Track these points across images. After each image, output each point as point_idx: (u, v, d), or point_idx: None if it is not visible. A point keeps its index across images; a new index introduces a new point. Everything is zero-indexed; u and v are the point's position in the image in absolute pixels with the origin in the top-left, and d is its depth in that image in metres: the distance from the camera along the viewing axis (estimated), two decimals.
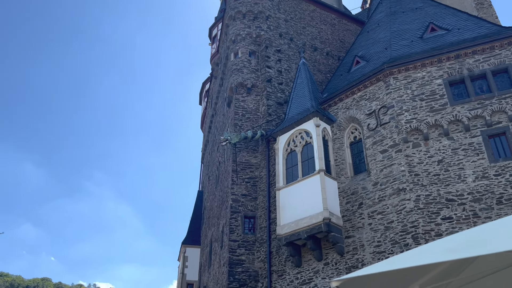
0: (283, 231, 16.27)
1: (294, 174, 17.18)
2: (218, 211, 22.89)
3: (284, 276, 16.52)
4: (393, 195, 14.53)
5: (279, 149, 18.23)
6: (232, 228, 18.54)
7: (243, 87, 22.28)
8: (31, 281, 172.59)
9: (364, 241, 14.68)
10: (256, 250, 18.11)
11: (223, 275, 18.35)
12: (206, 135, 36.83)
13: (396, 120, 15.51)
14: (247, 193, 19.57)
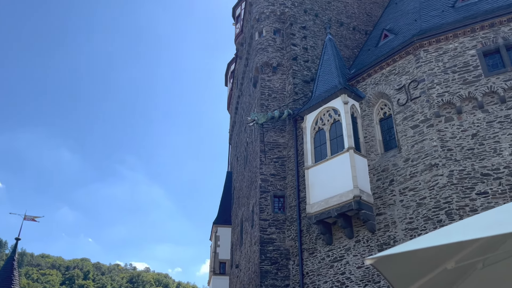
0: (313, 210, 16.29)
1: (323, 153, 17.06)
2: (248, 191, 23.09)
3: (315, 254, 16.62)
4: (425, 171, 14.24)
5: (306, 128, 18.10)
6: (262, 208, 18.70)
7: (269, 67, 22.09)
8: (71, 261, 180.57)
9: (396, 218, 14.53)
10: (286, 228, 18.25)
11: (255, 253, 18.63)
12: (233, 116, 36.94)
13: (427, 94, 15.07)
14: (276, 173, 19.62)
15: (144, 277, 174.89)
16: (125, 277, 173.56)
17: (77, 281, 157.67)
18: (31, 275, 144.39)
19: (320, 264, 16.27)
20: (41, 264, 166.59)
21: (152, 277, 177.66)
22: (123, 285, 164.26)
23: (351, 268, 15.19)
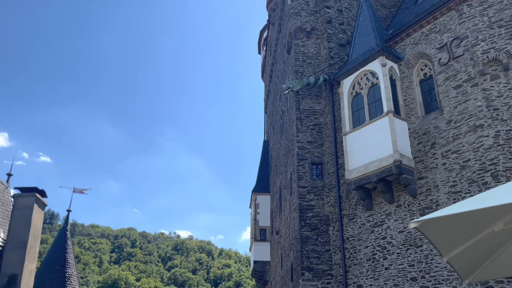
0: (352, 176, 16.17)
1: (361, 118, 16.74)
2: (285, 159, 23.16)
3: (355, 219, 16.61)
4: (469, 133, 13.72)
5: (343, 93, 17.74)
6: (300, 175, 18.75)
7: (302, 31, 21.58)
8: (118, 231, 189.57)
9: (438, 181, 14.19)
10: (325, 195, 18.27)
11: (295, 220, 18.85)
12: (268, 85, 36.69)
13: (471, 51, 14.30)
14: (313, 140, 19.50)
15: (188, 244, 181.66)
16: (170, 244, 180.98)
17: (125, 249, 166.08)
18: (83, 244, 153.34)
19: (360, 230, 16.27)
20: (92, 234, 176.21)
21: (196, 244, 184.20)
22: (168, 252, 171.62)
23: (392, 232, 15.11)
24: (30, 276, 19.97)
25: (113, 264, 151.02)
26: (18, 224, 20.06)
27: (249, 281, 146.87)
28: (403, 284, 14.21)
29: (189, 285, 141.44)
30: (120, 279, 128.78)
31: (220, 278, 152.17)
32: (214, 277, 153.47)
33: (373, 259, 15.44)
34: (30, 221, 20.11)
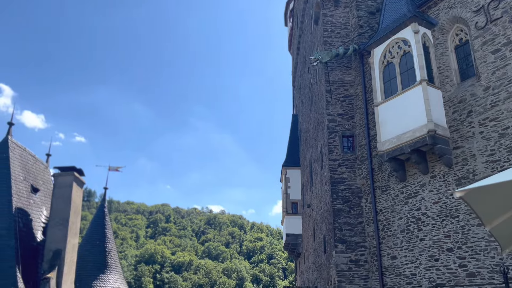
0: (384, 147, 15.91)
1: (393, 88, 16.31)
2: (315, 133, 22.99)
3: (388, 191, 16.43)
4: (508, 99, 13.15)
5: (374, 62, 17.28)
6: (330, 148, 18.61)
7: (330, 0, 20.97)
8: (153, 207, 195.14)
9: (475, 150, 13.77)
10: (357, 167, 18.10)
11: (326, 193, 18.83)
12: (295, 58, 36.15)
13: (510, 13, 13.55)
14: (343, 112, 19.22)
15: (220, 219, 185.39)
16: (203, 219, 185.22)
17: (160, 224, 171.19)
18: (119, 220, 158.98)
19: (393, 201, 16.11)
20: (127, 210, 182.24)
21: (228, 218, 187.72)
22: (201, 227, 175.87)
23: (427, 203, 14.88)
24: (73, 251, 20.95)
25: (149, 239, 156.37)
26: (60, 202, 20.93)
27: (281, 254, 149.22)
28: (438, 254, 14.07)
29: (222, 258, 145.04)
30: (156, 253, 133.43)
31: (253, 251, 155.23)
32: (247, 250, 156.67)
33: (407, 231, 15.32)
34: (70, 198, 20.94)
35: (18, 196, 20.69)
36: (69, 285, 20.37)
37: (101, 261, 24.79)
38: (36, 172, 23.74)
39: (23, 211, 20.62)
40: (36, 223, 21.43)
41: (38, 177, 23.82)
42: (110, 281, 24.43)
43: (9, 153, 21.42)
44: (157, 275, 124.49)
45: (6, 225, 19.24)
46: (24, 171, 22.36)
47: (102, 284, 23.89)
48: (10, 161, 21.19)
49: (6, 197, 20.04)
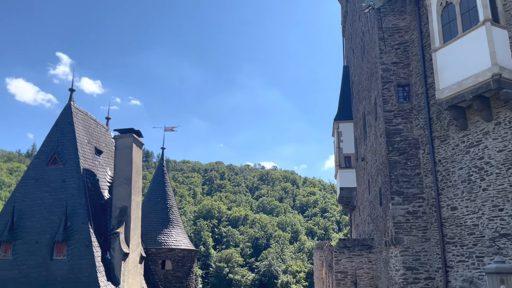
0: (443, 95, 15.14)
1: (453, 31, 15.25)
2: (368, 84, 22.26)
3: (447, 140, 15.79)
4: None
5: (431, 4, 16.14)
6: (385, 99, 18.00)
7: None
8: (207, 165, 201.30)
9: None
10: (413, 118, 17.45)
11: (381, 145, 18.44)
12: (344, 6, 34.57)
13: None
14: (398, 60, 18.35)
15: (273, 174, 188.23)
16: (256, 175, 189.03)
17: (215, 181, 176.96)
18: (177, 178, 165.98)
19: (453, 151, 15.48)
20: (184, 169, 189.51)
21: (280, 174, 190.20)
22: (255, 183, 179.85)
23: (490, 152, 14.17)
24: (137, 207, 22.28)
25: (206, 195, 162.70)
26: (122, 162, 22.11)
27: (335, 207, 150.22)
28: (503, 204, 13.53)
29: (277, 212, 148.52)
30: (213, 209, 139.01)
31: (306, 205, 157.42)
32: (300, 204, 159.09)
33: (468, 181, 14.77)
34: (131, 159, 22.04)
35: (84, 158, 22.07)
36: (136, 239, 21.85)
37: (164, 216, 26.27)
38: (98, 135, 25.08)
39: (90, 172, 22.04)
40: (102, 183, 22.88)
41: (101, 139, 25.18)
42: (173, 235, 25.94)
43: (72, 118, 22.70)
44: (215, 229, 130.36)
45: (76, 185, 20.71)
46: (87, 135, 23.69)
47: (166, 238, 25.44)
48: (74, 125, 22.49)
49: (74, 160, 21.46)
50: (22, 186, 21.36)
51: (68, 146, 21.89)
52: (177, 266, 24.94)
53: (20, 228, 20.03)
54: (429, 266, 15.66)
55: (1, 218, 20.62)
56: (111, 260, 19.92)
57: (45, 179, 21.18)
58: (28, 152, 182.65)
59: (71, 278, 18.45)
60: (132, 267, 21.06)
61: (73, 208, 20.09)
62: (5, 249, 19.63)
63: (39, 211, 20.39)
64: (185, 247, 25.71)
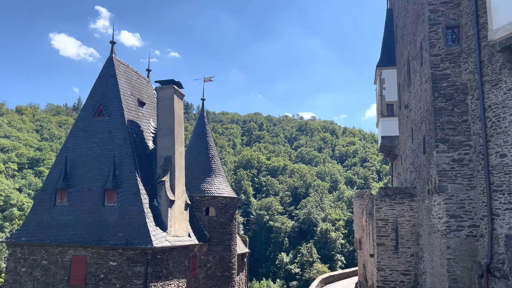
0: (496, 36, 14.15)
1: None
2: (413, 27, 21.11)
3: (499, 85, 14.94)
4: None
5: None
6: (432, 42, 17.08)
7: None
8: (246, 116, 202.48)
9: None
10: (462, 61, 16.55)
11: (426, 91, 17.75)
12: None
13: None
14: (447, 0, 17.17)
15: (311, 125, 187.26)
16: (294, 126, 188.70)
17: (254, 132, 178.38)
18: (217, 129, 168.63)
19: (505, 96, 14.68)
20: (223, 120, 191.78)
21: (319, 124, 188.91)
22: (293, 133, 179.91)
23: None
24: (180, 157, 22.99)
25: (245, 146, 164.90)
26: (164, 113, 22.62)
27: (375, 157, 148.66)
28: None
29: (315, 162, 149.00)
30: (253, 159, 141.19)
31: (346, 155, 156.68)
32: (340, 154, 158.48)
33: None
34: (173, 110, 22.49)
35: (128, 109, 22.73)
36: (181, 187, 22.75)
37: (206, 166, 27.01)
38: (140, 87, 25.61)
39: (134, 123, 22.76)
40: (147, 134, 23.63)
41: (143, 91, 25.72)
42: (216, 183, 26.75)
43: (115, 70, 23.19)
44: (255, 179, 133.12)
45: (122, 136, 21.53)
46: (130, 86, 24.24)
47: (209, 186, 26.29)
48: (117, 77, 23.01)
49: (118, 111, 22.17)
50: (72, 138, 22.46)
51: (112, 98, 22.55)
52: (220, 213, 25.90)
53: (73, 177, 21.30)
54: (474, 214, 15.42)
55: (56, 168, 21.95)
56: (158, 206, 20.96)
57: (93, 131, 22.13)
58: (74, 105, 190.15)
59: (122, 223, 19.65)
60: (178, 213, 22.10)
61: (120, 158, 21.02)
62: (61, 196, 21.05)
63: (89, 160, 21.50)
64: (227, 195, 26.52)
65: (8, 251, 20.84)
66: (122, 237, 19.21)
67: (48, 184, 21.63)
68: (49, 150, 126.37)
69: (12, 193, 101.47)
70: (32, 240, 20.26)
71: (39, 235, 20.33)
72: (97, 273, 19.14)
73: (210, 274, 24.97)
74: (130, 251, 18.95)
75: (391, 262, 19.45)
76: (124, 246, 18.93)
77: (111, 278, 18.93)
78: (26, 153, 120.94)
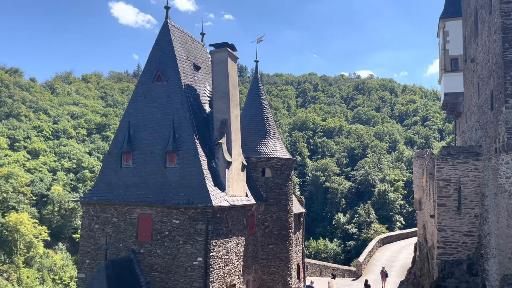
0: None
1: None
2: None
3: None
4: None
5: None
6: None
7: None
8: (300, 77, 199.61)
9: None
10: None
11: (495, 43, 16.44)
12: None
13: None
14: None
15: (369, 83, 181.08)
16: (351, 85, 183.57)
17: (309, 93, 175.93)
18: (271, 92, 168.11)
19: None
20: (277, 82, 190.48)
21: (377, 83, 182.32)
22: (350, 93, 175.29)
23: None
24: (236, 120, 23.35)
25: (300, 107, 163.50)
26: (219, 76, 22.88)
27: (437, 115, 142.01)
28: None
29: (373, 122, 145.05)
30: (308, 120, 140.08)
31: (405, 114, 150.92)
32: (399, 113, 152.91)
33: None
34: (227, 73, 22.67)
35: (184, 74, 23.22)
36: (237, 149, 23.24)
37: (261, 128, 27.25)
38: (195, 51, 25.94)
39: (190, 87, 23.27)
40: (203, 97, 24.13)
41: (198, 55, 26.05)
42: (271, 145, 27.00)
43: (170, 35, 23.59)
44: (310, 140, 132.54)
45: (180, 100, 22.15)
46: (185, 51, 24.62)
47: (264, 148, 26.62)
48: (172, 43, 23.43)
49: (175, 76, 22.72)
50: (134, 103, 23.46)
51: (169, 63, 23.09)
52: (276, 174, 26.26)
53: (136, 140, 22.42)
54: None
55: (120, 132, 23.19)
56: (216, 168, 21.65)
57: (152, 96, 22.95)
58: (134, 72, 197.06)
59: (183, 184, 20.58)
60: (235, 174, 22.72)
61: (179, 122, 21.74)
62: (126, 159, 22.31)
63: (150, 124, 22.45)
64: (283, 156, 26.73)
65: (83, 209, 22.67)
66: (183, 197, 20.16)
67: (114, 147, 22.94)
68: (113, 115, 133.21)
69: (83, 157, 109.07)
70: (102, 200, 21.84)
71: (108, 195, 21.85)
72: (162, 230, 20.38)
73: (268, 232, 25.71)
74: (191, 210, 19.91)
75: (452, 223, 18.89)
76: (185, 205, 19.89)
77: (175, 235, 20.10)
78: (93, 119, 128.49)
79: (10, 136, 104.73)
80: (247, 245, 23.76)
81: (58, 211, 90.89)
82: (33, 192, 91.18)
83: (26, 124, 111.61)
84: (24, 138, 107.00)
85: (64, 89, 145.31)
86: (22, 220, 79.43)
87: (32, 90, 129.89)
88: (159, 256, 20.24)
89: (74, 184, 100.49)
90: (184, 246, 19.83)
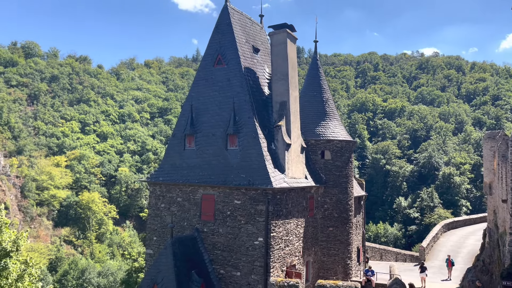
0: None
1: None
2: None
3: None
4: None
5: None
6: None
7: None
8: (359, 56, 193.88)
9: None
10: None
11: None
12: None
13: None
14: None
15: (434, 62, 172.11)
16: (414, 64, 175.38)
17: (369, 73, 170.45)
18: (329, 73, 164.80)
19: None
20: (335, 62, 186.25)
21: (442, 61, 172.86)
22: (412, 72, 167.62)
23: None
24: (295, 102, 23.24)
25: (359, 88, 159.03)
26: (278, 58, 22.82)
27: (510, 94, 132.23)
28: None
29: (438, 102, 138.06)
30: (367, 102, 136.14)
31: (474, 93, 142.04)
32: (466, 92, 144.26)
33: None
34: (286, 54, 22.54)
35: (244, 57, 23.40)
36: (296, 131, 23.18)
37: (320, 109, 26.91)
38: (254, 34, 25.99)
39: (250, 70, 23.43)
40: (262, 80, 24.21)
41: (257, 38, 26.08)
42: (330, 127, 26.65)
43: (230, 18, 23.79)
44: (370, 122, 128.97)
45: (240, 83, 22.40)
46: (244, 34, 24.75)
47: (324, 130, 26.33)
48: (232, 26, 23.63)
49: (235, 59, 22.97)
50: (195, 87, 24.07)
51: (228, 46, 23.35)
52: (336, 156, 25.90)
53: (198, 123, 23.07)
54: None
55: (183, 115, 23.96)
56: (275, 150, 21.79)
57: (213, 79, 23.39)
58: (193, 56, 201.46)
59: (244, 165, 20.96)
60: (295, 156, 22.74)
61: (239, 104, 22.04)
62: (189, 141, 23.08)
63: (212, 107, 22.97)
64: (343, 138, 26.27)
65: (149, 189, 23.86)
66: (244, 178, 20.56)
67: (178, 130, 23.78)
68: (174, 99, 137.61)
69: (147, 140, 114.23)
70: (168, 180, 22.83)
71: (173, 176, 22.80)
72: (224, 210, 20.99)
73: (327, 215, 25.60)
74: (252, 191, 20.28)
75: None
76: (246, 186, 20.28)
77: (236, 215, 20.63)
78: (156, 103, 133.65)
79: (81, 120, 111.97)
80: (307, 227, 23.85)
81: (125, 191, 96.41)
82: (102, 172, 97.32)
83: (95, 109, 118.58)
84: (94, 122, 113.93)
85: (128, 75, 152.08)
86: (93, 199, 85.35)
87: (99, 77, 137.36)
88: (221, 235, 20.92)
89: (139, 166, 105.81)
90: (245, 226, 20.31)
